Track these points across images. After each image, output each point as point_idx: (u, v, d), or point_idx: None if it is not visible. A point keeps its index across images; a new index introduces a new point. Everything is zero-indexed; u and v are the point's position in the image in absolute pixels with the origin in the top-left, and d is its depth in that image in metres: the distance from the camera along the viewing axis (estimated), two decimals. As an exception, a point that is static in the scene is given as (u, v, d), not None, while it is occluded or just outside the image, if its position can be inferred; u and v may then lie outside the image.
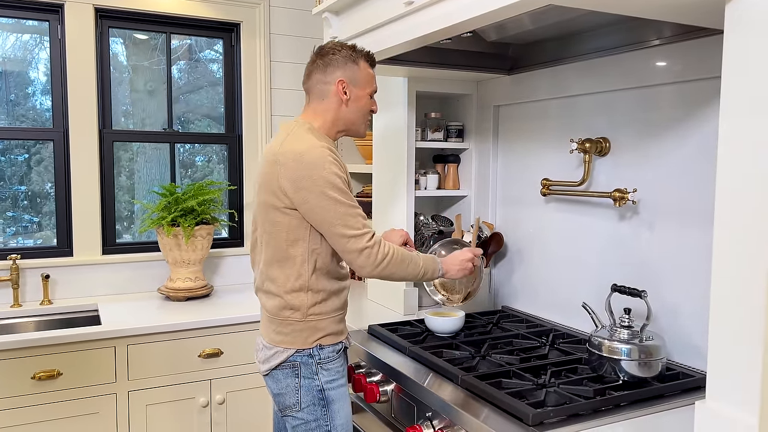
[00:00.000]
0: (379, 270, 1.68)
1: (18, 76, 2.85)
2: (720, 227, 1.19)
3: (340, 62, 1.75)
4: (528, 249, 2.38)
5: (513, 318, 2.32)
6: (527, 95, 2.32)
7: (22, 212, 2.89)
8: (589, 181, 2.05)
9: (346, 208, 1.64)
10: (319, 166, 1.62)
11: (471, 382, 1.62)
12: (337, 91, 1.75)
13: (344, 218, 1.63)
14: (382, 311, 2.57)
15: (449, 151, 2.71)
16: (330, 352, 1.75)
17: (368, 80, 1.80)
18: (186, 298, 2.80)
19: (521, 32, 2.11)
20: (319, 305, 1.72)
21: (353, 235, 1.64)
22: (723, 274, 1.19)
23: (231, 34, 3.19)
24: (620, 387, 1.60)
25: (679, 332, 1.79)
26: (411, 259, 1.75)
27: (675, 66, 1.75)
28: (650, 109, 1.86)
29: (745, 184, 1.13)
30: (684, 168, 1.76)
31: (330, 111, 1.77)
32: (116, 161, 3.03)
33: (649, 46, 1.82)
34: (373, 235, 1.68)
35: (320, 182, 1.61)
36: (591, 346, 1.70)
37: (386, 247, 1.69)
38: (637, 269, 1.91)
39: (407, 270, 1.74)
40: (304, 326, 1.71)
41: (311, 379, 1.72)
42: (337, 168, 1.65)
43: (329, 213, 1.62)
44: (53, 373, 2.25)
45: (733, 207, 1.16)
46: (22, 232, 2.90)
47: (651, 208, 1.86)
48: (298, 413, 1.72)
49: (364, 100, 1.80)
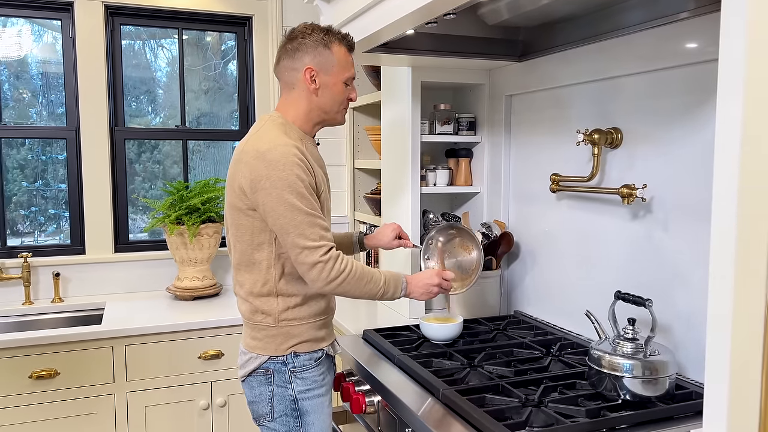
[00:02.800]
0: (331, 287, 1.54)
1: (37, 75, 2.87)
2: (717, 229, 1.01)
3: (310, 47, 1.60)
4: (541, 249, 2.20)
5: (523, 324, 2.14)
6: (539, 83, 2.13)
7: (40, 210, 2.92)
8: (599, 176, 1.86)
9: (304, 216, 1.50)
10: (279, 167, 1.49)
11: (451, 397, 1.48)
12: (305, 79, 1.61)
13: (300, 227, 1.50)
14: (388, 314, 2.44)
15: (462, 145, 2.55)
16: (306, 360, 1.63)
17: (343, 66, 1.63)
18: (193, 298, 2.76)
19: (533, 9, 1.92)
20: (292, 310, 1.61)
21: (306, 247, 1.50)
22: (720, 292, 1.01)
23: (243, 28, 3.12)
24: (620, 407, 1.43)
25: (695, 344, 1.58)
26: (371, 277, 1.60)
27: (701, 44, 1.52)
28: (668, 95, 1.65)
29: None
30: (699, 162, 1.55)
31: (301, 101, 1.63)
32: (142, 160, 3.03)
33: (672, 21, 1.60)
34: (330, 248, 1.54)
35: (279, 184, 1.48)
36: (590, 360, 1.53)
37: (343, 264, 1.54)
38: (650, 273, 1.71)
39: (364, 289, 1.60)
40: (277, 332, 1.61)
41: (284, 387, 1.61)
42: (301, 170, 1.51)
43: (285, 219, 1.49)
44: (51, 373, 2.24)
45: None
46: (38, 229, 2.93)
47: (666, 205, 1.65)
48: (270, 423, 1.63)
49: (338, 87, 1.64)
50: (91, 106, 2.82)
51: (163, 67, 3.09)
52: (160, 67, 3.09)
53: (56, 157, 2.91)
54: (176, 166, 3.11)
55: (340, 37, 1.64)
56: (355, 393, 1.81)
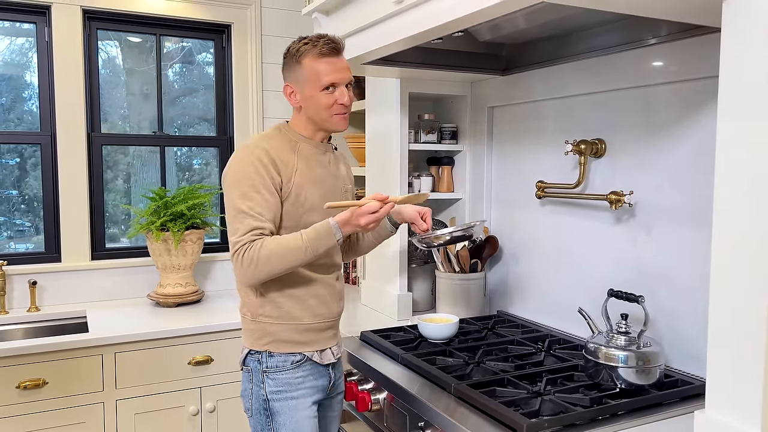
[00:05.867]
0: (249, 276, 1.54)
1: (11, 79, 2.80)
2: (719, 233, 1.15)
3: (287, 64, 1.68)
4: (523, 252, 2.33)
5: (508, 323, 2.27)
6: (522, 96, 2.27)
7: (14, 217, 2.84)
8: (584, 184, 2.01)
9: (236, 213, 1.57)
10: (235, 165, 1.62)
11: (464, 390, 1.58)
12: (288, 97, 1.70)
13: (231, 222, 1.59)
14: (375, 316, 2.52)
15: (443, 153, 2.67)
16: (281, 361, 1.67)
17: (315, 77, 1.62)
18: (176, 304, 2.75)
19: (515, 31, 2.07)
20: (268, 308, 1.67)
21: (232, 243, 1.57)
22: (722, 281, 1.15)
23: (222, 35, 3.14)
24: (617, 395, 1.56)
25: (678, 338, 1.74)
26: (287, 247, 1.53)
27: (672, 65, 1.71)
28: (647, 110, 1.81)
29: (744, 189, 1.09)
30: (681, 170, 1.72)
31: (296, 113, 1.74)
32: (114, 165, 2.99)
33: (645, 45, 1.78)
34: (250, 241, 1.53)
35: (230, 179, 1.61)
36: (587, 353, 1.66)
37: (252, 252, 1.52)
38: (634, 273, 1.87)
39: (287, 260, 1.53)
40: (255, 327, 1.70)
41: (258, 386, 1.69)
42: (254, 168, 1.58)
43: (227, 214, 1.62)
44: (39, 382, 2.20)
45: (732, 212, 1.11)
46: (14, 237, 2.85)
47: (648, 210, 1.81)
48: (250, 418, 1.73)
49: (316, 98, 1.64)
50: (68, 111, 2.78)
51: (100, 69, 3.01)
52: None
53: (30, 163, 2.84)
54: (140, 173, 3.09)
55: (311, 45, 1.61)
56: (359, 392, 1.88)
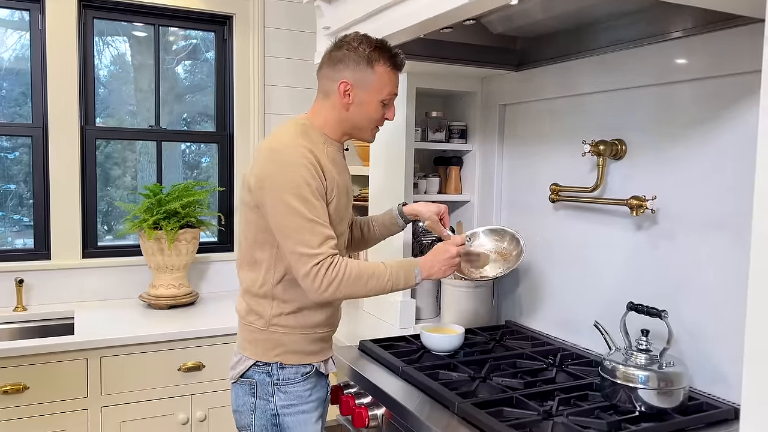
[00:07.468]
0: (327, 295, 1.45)
1: (5, 71, 2.69)
2: (759, 242, 1.01)
3: (352, 61, 1.53)
4: (535, 260, 2.19)
5: (517, 335, 2.13)
6: (536, 93, 2.14)
7: (9, 212, 2.74)
8: (602, 187, 1.87)
9: (304, 222, 1.43)
10: (287, 167, 1.45)
11: (468, 410, 1.44)
12: (339, 92, 1.55)
13: (299, 232, 1.43)
14: (377, 324, 2.39)
15: (451, 153, 2.53)
16: (292, 373, 1.56)
17: (383, 85, 1.56)
18: (169, 306, 2.63)
19: (529, 23, 1.94)
20: (285, 317, 1.55)
21: (303, 254, 1.43)
22: (762, 294, 1.01)
23: (223, 27, 3.02)
24: (637, 419, 1.42)
25: (703, 357, 1.60)
26: (372, 273, 1.50)
27: (699, 61, 1.56)
28: (670, 109, 1.67)
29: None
30: (708, 173, 1.57)
31: (333, 111, 1.58)
32: (122, 162, 2.89)
33: (669, 38, 1.64)
34: (328, 256, 1.45)
35: (283, 185, 1.44)
36: (603, 371, 1.52)
37: (335, 269, 1.44)
38: (655, 285, 1.72)
39: (367, 287, 1.50)
40: (266, 336, 1.56)
41: (266, 401, 1.56)
42: (310, 173, 1.45)
43: (283, 222, 1.44)
44: (19, 387, 2.09)
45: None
46: (9, 234, 2.74)
47: (671, 217, 1.67)
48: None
49: (373, 106, 1.57)
50: (60, 102, 2.67)
51: (107, 64, 2.93)
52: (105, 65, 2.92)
53: (19, 156, 2.74)
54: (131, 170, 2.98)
55: (389, 55, 1.56)
56: (357, 406, 1.75)
